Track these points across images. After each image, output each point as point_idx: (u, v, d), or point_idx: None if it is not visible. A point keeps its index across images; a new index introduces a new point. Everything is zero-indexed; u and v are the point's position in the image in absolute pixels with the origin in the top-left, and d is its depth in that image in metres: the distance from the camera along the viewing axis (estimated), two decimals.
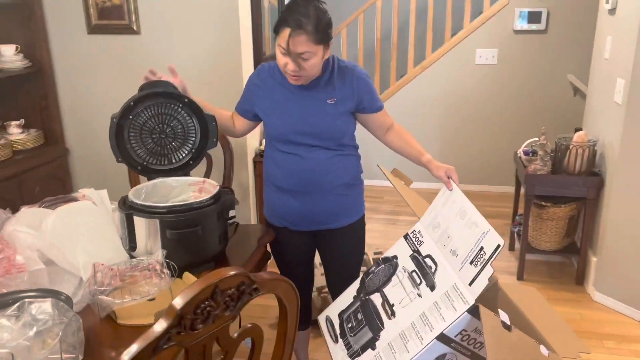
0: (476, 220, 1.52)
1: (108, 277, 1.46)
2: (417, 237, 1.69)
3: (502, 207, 4.26)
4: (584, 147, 2.91)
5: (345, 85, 1.80)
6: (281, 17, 1.65)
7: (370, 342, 1.55)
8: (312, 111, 1.78)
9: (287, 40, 1.62)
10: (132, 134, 1.84)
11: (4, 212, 1.67)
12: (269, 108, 1.83)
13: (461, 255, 1.49)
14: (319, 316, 1.83)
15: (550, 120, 4.34)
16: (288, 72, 1.70)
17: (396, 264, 1.67)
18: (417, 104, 4.60)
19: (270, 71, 1.85)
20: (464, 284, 1.42)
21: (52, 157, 3.00)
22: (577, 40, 4.17)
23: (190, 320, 0.93)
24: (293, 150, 1.81)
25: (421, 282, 1.55)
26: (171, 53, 2.84)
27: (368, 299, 1.66)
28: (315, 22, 1.62)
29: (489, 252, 1.41)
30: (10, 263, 1.44)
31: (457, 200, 1.66)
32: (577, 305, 2.92)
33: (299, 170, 1.81)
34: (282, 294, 1.13)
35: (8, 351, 0.96)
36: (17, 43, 2.85)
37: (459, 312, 1.38)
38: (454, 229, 1.58)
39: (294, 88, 1.79)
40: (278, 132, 1.82)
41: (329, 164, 1.82)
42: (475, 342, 1.44)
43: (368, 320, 1.61)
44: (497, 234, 1.43)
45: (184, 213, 1.59)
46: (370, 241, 3.76)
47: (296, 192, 1.84)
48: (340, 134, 1.83)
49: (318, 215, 1.88)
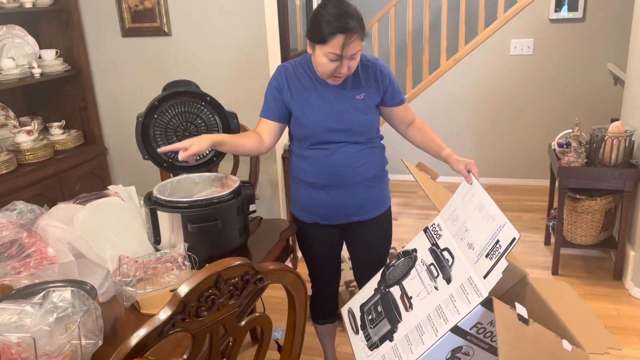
0: (493, 214, 1.51)
1: (132, 269, 1.54)
2: (436, 231, 1.70)
3: (539, 201, 4.16)
4: (620, 138, 2.82)
5: (370, 79, 1.82)
6: (326, 27, 1.63)
7: (389, 333, 1.57)
8: (344, 108, 1.79)
9: (341, 47, 1.63)
10: (157, 132, 1.92)
11: (39, 208, 1.78)
12: (300, 109, 1.81)
13: (477, 249, 1.48)
14: (342, 308, 1.86)
15: (588, 111, 4.21)
16: (338, 75, 1.71)
17: (415, 257, 1.68)
18: (450, 97, 4.55)
19: (294, 71, 1.83)
20: (479, 277, 1.42)
21: (91, 156, 3.13)
22: (616, 27, 4.03)
23: (195, 307, 0.97)
24: (324, 147, 1.82)
25: (438, 275, 1.55)
26: (200, 52, 2.92)
27: (388, 292, 1.68)
28: (359, 19, 1.65)
29: (505, 245, 1.40)
30: (42, 255, 1.54)
31: (476, 194, 1.65)
32: (614, 301, 2.83)
33: (329, 166, 1.83)
34: (289, 284, 1.16)
35: (30, 335, 1.03)
36: (57, 48, 3.00)
37: (472, 304, 1.38)
38: (471, 222, 1.57)
39: (323, 87, 1.80)
40: (309, 132, 1.81)
41: (359, 157, 1.84)
42: (492, 335, 1.43)
43: (387, 312, 1.63)
44: (513, 227, 1.42)
45: (205, 207, 1.65)
46: (402, 236, 3.76)
47: (327, 187, 1.86)
48: (370, 128, 1.86)
49: (349, 208, 1.90)
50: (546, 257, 3.32)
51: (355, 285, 2.81)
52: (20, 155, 2.74)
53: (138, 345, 0.94)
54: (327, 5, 1.66)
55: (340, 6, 1.64)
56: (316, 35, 1.66)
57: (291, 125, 1.88)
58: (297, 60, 1.86)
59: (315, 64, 1.74)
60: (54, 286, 1.31)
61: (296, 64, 1.85)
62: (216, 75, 2.93)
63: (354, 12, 1.65)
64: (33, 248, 1.52)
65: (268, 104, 1.85)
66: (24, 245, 1.54)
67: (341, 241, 2.04)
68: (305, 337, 1.36)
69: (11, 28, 2.88)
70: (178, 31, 2.93)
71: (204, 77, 2.72)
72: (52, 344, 1.06)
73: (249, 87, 2.89)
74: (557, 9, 4.10)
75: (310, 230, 1.97)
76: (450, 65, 4.48)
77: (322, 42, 1.65)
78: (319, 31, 1.64)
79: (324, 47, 1.65)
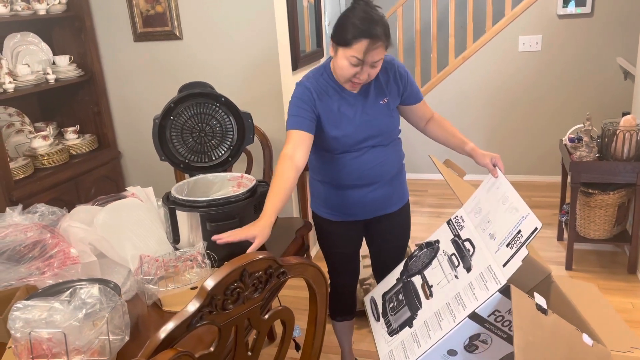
0: (517, 206, 1.52)
1: (153, 268, 1.57)
2: (458, 222, 1.72)
3: (550, 196, 4.16)
4: (631, 132, 2.81)
5: (390, 82, 1.82)
6: (352, 30, 1.62)
7: (408, 320, 1.59)
8: (371, 116, 1.80)
9: (364, 52, 1.62)
10: (173, 134, 1.95)
11: (60, 210, 1.81)
12: (333, 120, 1.77)
13: (499, 239, 1.50)
14: (364, 297, 1.89)
15: (599, 106, 4.20)
16: (357, 81, 1.70)
17: (437, 247, 1.71)
18: (459, 95, 4.56)
19: (315, 84, 1.77)
20: (499, 265, 1.43)
21: (105, 160, 3.17)
22: (625, 22, 4.02)
23: (221, 300, 1.00)
24: (351, 152, 1.82)
25: (459, 265, 1.57)
26: (212, 55, 2.95)
27: (409, 281, 1.70)
28: (385, 27, 1.64)
29: (526, 235, 1.41)
30: (65, 256, 1.57)
31: (501, 187, 1.67)
32: (630, 295, 2.83)
33: (357, 169, 1.84)
34: (311, 278, 1.18)
35: (61, 331, 1.06)
36: (71, 54, 3.04)
37: (491, 291, 1.39)
38: (494, 214, 1.59)
39: (348, 96, 1.78)
40: (341, 144, 1.79)
41: (385, 156, 1.86)
42: (510, 324, 1.44)
43: (408, 300, 1.65)
44: (536, 217, 1.43)
45: (223, 206, 1.68)
46: (414, 234, 3.75)
47: (355, 186, 1.87)
48: (395, 130, 1.89)
49: (376, 203, 1.92)
50: (559, 252, 3.32)
51: (369, 284, 2.83)
52: (37, 160, 2.78)
53: (167, 338, 0.97)
54: (355, 9, 1.65)
55: (368, 11, 1.64)
56: (341, 37, 1.65)
57: (321, 138, 1.80)
58: (312, 74, 1.82)
59: (336, 67, 1.72)
60: (79, 284, 1.33)
61: (314, 76, 1.80)
62: (227, 78, 2.96)
63: (380, 19, 1.64)
64: (56, 249, 1.55)
65: (300, 115, 1.73)
66: (47, 245, 1.57)
67: (362, 237, 2.06)
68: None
69: (25, 35, 2.93)
70: (189, 35, 2.96)
71: (215, 80, 2.75)
72: (82, 339, 1.09)
73: (261, 89, 2.92)
74: (565, 5, 4.10)
75: (335, 227, 1.97)
76: (458, 63, 4.49)
77: (346, 44, 1.64)
78: (344, 34, 1.63)
79: (347, 50, 1.64)
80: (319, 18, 3.56)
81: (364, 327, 2.72)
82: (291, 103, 1.77)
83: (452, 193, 1.83)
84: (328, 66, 1.80)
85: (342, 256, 2.05)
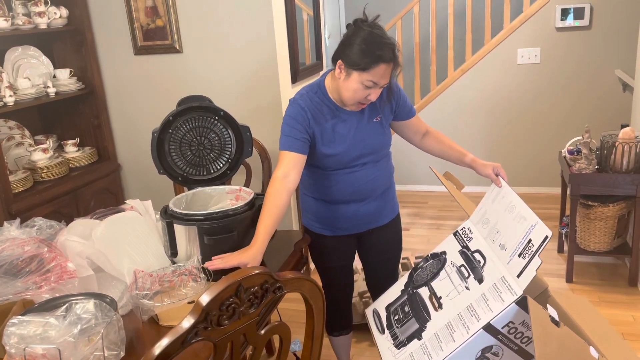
0: (525, 214, 1.52)
1: (148, 283, 1.56)
2: (466, 234, 1.71)
3: (550, 209, 4.15)
4: (630, 144, 2.82)
5: (383, 99, 1.82)
6: (369, 54, 1.60)
7: (417, 332, 1.57)
8: (365, 134, 1.80)
9: (382, 76, 1.62)
10: (172, 147, 1.95)
11: (58, 224, 1.81)
12: (327, 140, 1.77)
13: (509, 249, 1.49)
14: (366, 309, 1.87)
15: (597, 118, 4.21)
16: (365, 101, 1.70)
17: (445, 259, 1.69)
18: (458, 107, 4.57)
19: (310, 103, 1.76)
20: (512, 276, 1.42)
21: (105, 172, 3.17)
22: (623, 34, 4.04)
23: (217, 316, 0.99)
24: (345, 169, 1.83)
25: (469, 276, 1.55)
26: (212, 69, 2.97)
27: (415, 292, 1.69)
28: (397, 50, 1.64)
29: (537, 244, 1.40)
30: (62, 270, 1.57)
31: (506, 196, 1.67)
32: (630, 308, 2.81)
33: (351, 185, 1.84)
34: (307, 293, 1.18)
35: (55, 347, 1.05)
36: (71, 67, 3.06)
37: (506, 302, 1.37)
38: (503, 223, 1.58)
39: (343, 114, 1.78)
40: (334, 162, 1.79)
41: (378, 172, 1.87)
42: (522, 336, 1.43)
43: (415, 312, 1.63)
44: (545, 226, 1.42)
45: (220, 220, 1.67)
46: (414, 246, 3.76)
47: (348, 202, 1.88)
48: (387, 146, 1.90)
49: (368, 217, 1.92)
50: (560, 265, 3.31)
51: (369, 296, 2.82)
52: (37, 173, 2.78)
53: (161, 355, 0.96)
54: (368, 33, 1.62)
55: (381, 34, 1.63)
56: (356, 61, 1.62)
57: (313, 156, 1.80)
58: (306, 91, 1.80)
59: (343, 89, 1.69)
60: (75, 299, 1.33)
61: (308, 94, 1.78)
62: (227, 91, 2.97)
63: (392, 41, 1.64)
64: (53, 263, 1.55)
65: (293, 135, 1.72)
66: (44, 260, 1.57)
67: (355, 250, 2.06)
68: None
69: (26, 49, 2.95)
70: (189, 48, 2.98)
71: (215, 93, 2.76)
72: (77, 355, 1.08)
73: (260, 102, 2.93)
74: (563, 18, 4.13)
75: (328, 241, 1.97)
76: (457, 76, 4.50)
77: (363, 69, 1.62)
78: (361, 58, 1.61)
79: (363, 74, 1.62)
80: (318, 31, 3.58)
81: (363, 340, 2.70)
82: (284, 122, 1.76)
83: (453, 205, 1.83)
84: (322, 84, 1.79)
85: (336, 270, 2.04)
